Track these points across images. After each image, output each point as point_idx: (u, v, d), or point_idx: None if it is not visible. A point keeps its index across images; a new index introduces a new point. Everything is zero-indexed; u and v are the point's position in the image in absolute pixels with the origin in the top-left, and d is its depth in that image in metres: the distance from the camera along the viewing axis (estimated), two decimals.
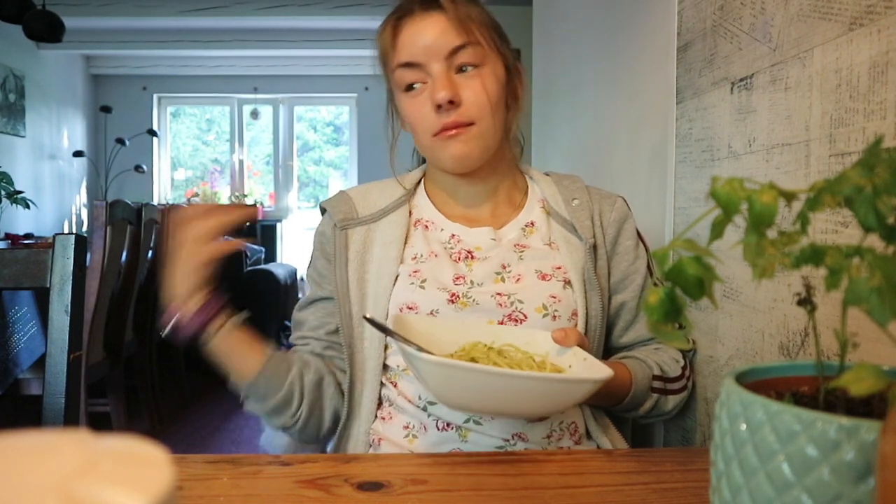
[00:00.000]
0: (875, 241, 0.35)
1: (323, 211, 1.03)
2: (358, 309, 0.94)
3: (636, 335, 1.00)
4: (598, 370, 0.75)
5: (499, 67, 0.94)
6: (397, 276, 0.93)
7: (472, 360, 0.77)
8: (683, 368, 0.98)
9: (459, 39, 0.89)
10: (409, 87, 0.92)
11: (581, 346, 0.81)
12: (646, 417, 0.96)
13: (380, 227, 0.97)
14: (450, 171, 0.96)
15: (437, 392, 0.71)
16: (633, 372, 0.92)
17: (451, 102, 0.89)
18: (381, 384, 0.94)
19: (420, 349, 0.73)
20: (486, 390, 0.69)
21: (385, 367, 0.94)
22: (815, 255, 0.36)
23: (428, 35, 0.89)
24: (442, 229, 0.98)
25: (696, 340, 1.07)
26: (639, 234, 1.02)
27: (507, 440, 0.88)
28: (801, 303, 0.42)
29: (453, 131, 0.90)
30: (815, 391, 0.43)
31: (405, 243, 0.96)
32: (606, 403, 0.92)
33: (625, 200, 1.03)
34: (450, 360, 0.71)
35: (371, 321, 0.78)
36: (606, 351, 1.01)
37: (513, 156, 1.03)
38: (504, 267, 0.93)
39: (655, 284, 1.00)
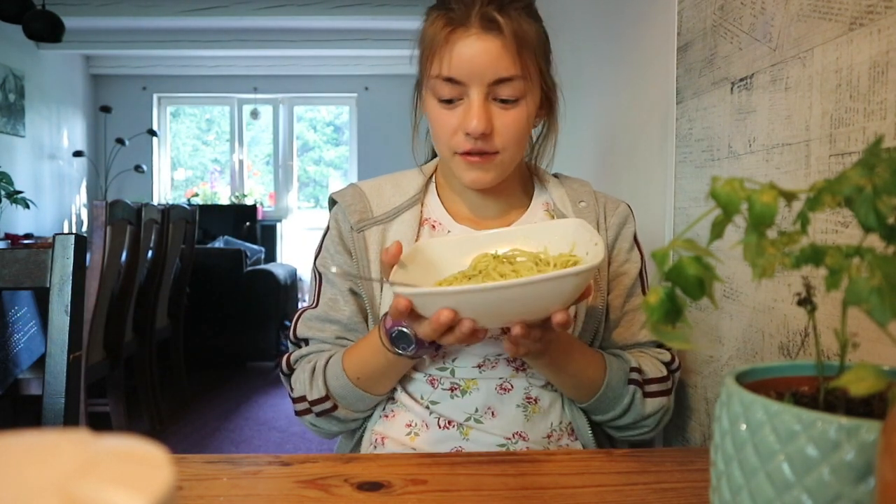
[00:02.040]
0: (875, 241, 0.35)
1: (332, 202, 1.01)
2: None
3: (619, 339, 0.97)
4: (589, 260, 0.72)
5: (536, 96, 0.91)
6: None
7: (479, 273, 0.77)
8: (667, 376, 0.94)
9: (509, 71, 0.86)
10: (445, 100, 0.89)
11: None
12: (623, 423, 0.92)
13: (393, 226, 0.96)
14: (465, 186, 0.95)
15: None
16: (606, 358, 0.90)
17: (484, 133, 0.87)
18: None
19: (401, 284, 0.72)
20: (470, 308, 0.69)
21: None
22: (815, 255, 0.36)
23: (479, 59, 0.85)
24: (449, 231, 0.97)
25: (678, 358, 1.01)
26: (636, 241, 1.01)
27: (509, 438, 0.88)
28: (801, 303, 0.42)
29: (477, 158, 0.88)
30: (815, 391, 0.43)
31: (414, 243, 0.96)
32: (583, 390, 0.90)
33: (629, 207, 1.02)
34: (422, 290, 0.70)
35: (342, 274, 0.77)
36: None
37: (524, 164, 1.02)
38: None
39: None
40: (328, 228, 1.00)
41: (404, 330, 0.81)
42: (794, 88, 0.83)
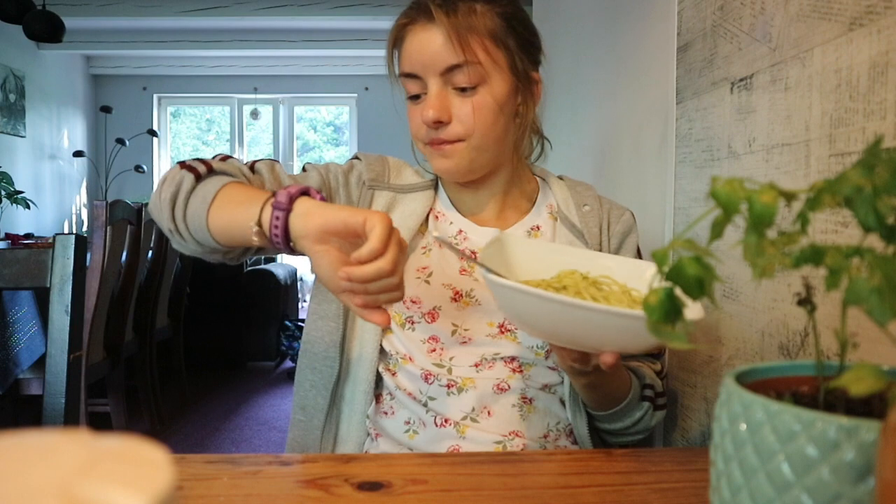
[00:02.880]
0: (875, 241, 0.35)
1: (356, 158, 1.03)
2: None
3: None
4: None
5: (500, 84, 0.89)
6: (408, 256, 0.93)
7: (564, 288, 0.73)
8: (664, 390, 0.97)
9: (455, 58, 0.86)
10: (412, 96, 0.92)
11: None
12: (628, 432, 0.94)
13: (405, 199, 0.98)
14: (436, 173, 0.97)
15: (507, 315, 0.70)
16: (630, 376, 0.91)
17: (438, 121, 0.88)
18: (379, 373, 0.94)
19: (490, 271, 0.69)
20: (551, 318, 0.66)
21: (383, 351, 0.93)
22: (815, 255, 0.36)
23: (426, 50, 0.87)
24: (451, 223, 0.98)
25: (664, 367, 1.01)
26: (639, 252, 1.01)
27: (505, 436, 0.88)
28: (801, 303, 0.42)
29: (441, 147, 0.90)
30: (815, 391, 0.43)
31: (418, 231, 0.96)
32: (605, 403, 0.91)
33: (633, 215, 1.02)
34: (514, 284, 0.66)
35: (440, 239, 0.75)
36: None
37: (522, 163, 1.01)
38: None
39: None
40: (340, 165, 1.00)
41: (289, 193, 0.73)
42: (793, 88, 0.83)
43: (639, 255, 1.01)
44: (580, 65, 1.98)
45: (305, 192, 0.75)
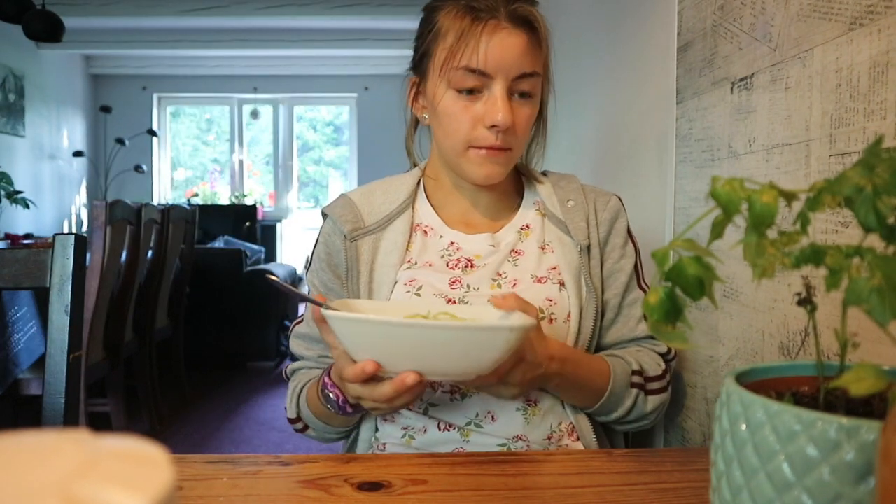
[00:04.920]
0: (875, 241, 0.35)
1: (324, 216, 1.01)
2: None
3: (617, 335, 0.97)
4: (519, 320, 0.71)
5: (539, 94, 0.94)
6: (395, 283, 0.93)
7: None
8: (665, 371, 0.95)
9: (531, 67, 0.88)
10: (466, 91, 0.89)
11: (524, 311, 0.77)
12: (625, 420, 0.93)
13: (385, 235, 0.96)
14: (472, 182, 0.95)
15: (350, 350, 0.72)
16: (612, 365, 0.90)
17: (509, 126, 0.88)
18: None
19: (320, 304, 0.72)
20: (387, 344, 0.68)
21: None
22: (815, 255, 0.36)
23: (509, 52, 0.87)
24: (441, 236, 0.97)
25: (671, 348, 1.00)
26: (630, 233, 1.01)
27: (509, 440, 0.88)
28: (801, 303, 0.42)
29: (496, 152, 0.90)
30: (815, 391, 0.43)
31: (406, 249, 0.96)
32: (587, 400, 0.90)
33: (619, 199, 1.02)
34: (345, 314, 0.69)
35: (275, 284, 0.77)
36: (595, 350, 1.00)
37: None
38: (500, 274, 0.93)
39: (643, 289, 0.98)
40: (317, 242, 1.00)
41: (329, 393, 0.84)
42: (794, 88, 0.83)
43: (630, 238, 1.00)
44: (580, 65, 1.98)
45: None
